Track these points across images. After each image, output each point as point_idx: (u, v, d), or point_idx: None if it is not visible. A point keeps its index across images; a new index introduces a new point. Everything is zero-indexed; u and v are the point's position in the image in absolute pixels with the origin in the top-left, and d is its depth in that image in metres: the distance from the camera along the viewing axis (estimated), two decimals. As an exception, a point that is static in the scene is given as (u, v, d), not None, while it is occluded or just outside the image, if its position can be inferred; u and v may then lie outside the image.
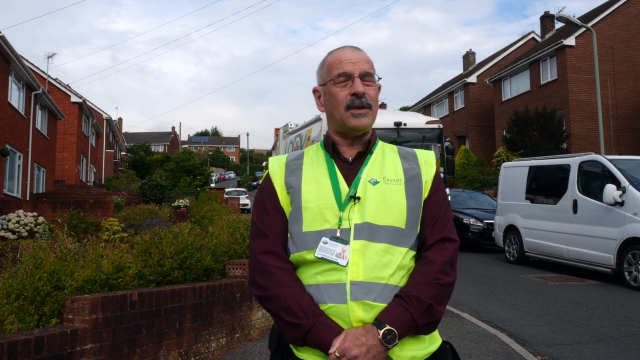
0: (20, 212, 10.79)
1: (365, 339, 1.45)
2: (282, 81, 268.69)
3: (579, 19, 20.29)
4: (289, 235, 1.65)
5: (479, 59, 37.31)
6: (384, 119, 10.96)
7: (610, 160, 9.49)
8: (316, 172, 1.67)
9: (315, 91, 1.76)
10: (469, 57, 37.13)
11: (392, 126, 10.95)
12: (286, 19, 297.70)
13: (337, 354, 1.44)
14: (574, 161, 10.30)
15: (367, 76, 1.66)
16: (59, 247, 5.15)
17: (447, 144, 11.93)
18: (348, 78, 1.65)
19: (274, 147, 20.38)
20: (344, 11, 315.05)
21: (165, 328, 4.34)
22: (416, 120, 11.81)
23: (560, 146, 21.71)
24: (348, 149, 1.70)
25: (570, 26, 22.00)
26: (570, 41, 23.31)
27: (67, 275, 4.03)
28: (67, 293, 3.90)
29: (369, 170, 1.65)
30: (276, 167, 1.73)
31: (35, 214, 10.95)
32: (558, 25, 27.94)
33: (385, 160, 1.69)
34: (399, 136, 10.96)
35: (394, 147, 1.76)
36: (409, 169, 1.68)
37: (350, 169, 1.66)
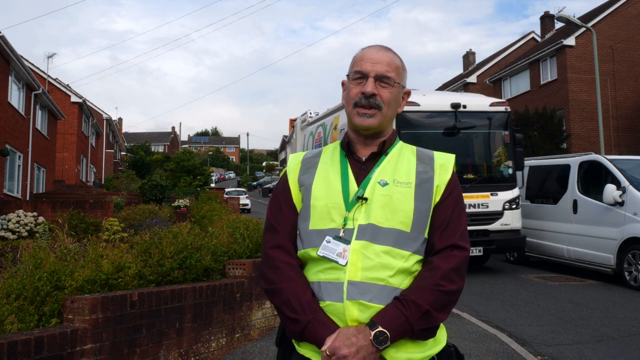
0: (20, 212, 10.78)
1: (356, 339, 1.46)
2: (282, 81, 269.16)
3: (579, 19, 20.28)
4: (298, 232, 1.67)
5: (479, 59, 37.32)
6: (439, 100, 9.81)
7: (610, 160, 9.48)
8: (329, 171, 1.68)
9: (342, 83, 1.77)
10: (469, 57, 37.10)
11: (449, 109, 9.45)
12: (286, 19, 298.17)
13: (327, 352, 1.46)
14: (574, 161, 10.30)
15: (384, 79, 1.65)
16: (59, 247, 5.15)
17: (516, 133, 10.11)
18: (363, 77, 1.66)
19: (289, 140, 18.23)
20: (344, 11, 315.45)
21: (165, 328, 4.34)
22: (478, 102, 10.06)
23: (560, 146, 21.70)
24: (362, 148, 1.70)
25: (570, 26, 21.99)
26: (570, 41, 23.29)
27: (67, 275, 4.03)
28: (67, 293, 3.90)
29: (380, 172, 1.64)
30: (293, 165, 1.75)
31: (35, 214, 10.94)
32: (558, 25, 27.91)
33: (399, 162, 1.67)
34: (458, 121, 9.41)
35: (414, 148, 1.75)
36: (422, 172, 1.65)
37: (363, 169, 1.67)
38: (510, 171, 9.93)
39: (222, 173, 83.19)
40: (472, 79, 32.07)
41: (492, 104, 9.96)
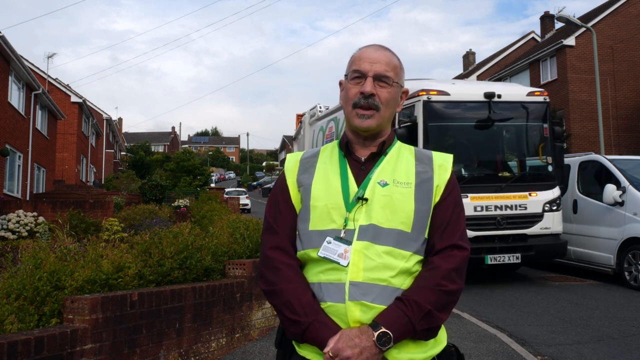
0: (20, 212, 10.78)
1: (359, 340, 1.46)
2: (282, 81, 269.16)
3: (579, 19, 20.28)
4: (297, 232, 1.66)
5: (479, 58, 37.35)
6: (472, 89, 9.12)
7: (610, 160, 9.48)
8: (328, 171, 1.67)
9: (340, 83, 1.76)
10: (469, 57, 37.12)
11: (482, 99, 8.57)
12: (286, 19, 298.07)
13: (330, 353, 1.45)
14: (574, 161, 10.29)
15: (383, 78, 1.64)
16: (59, 247, 5.14)
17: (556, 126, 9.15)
18: (362, 76, 1.65)
19: (295, 137, 17.35)
20: (344, 11, 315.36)
21: (165, 328, 4.34)
22: (514, 91, 9.23)
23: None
24: (361, 148, 1.69)
25: (570, 26, 22.00)
26: (570, 41, 23.29)
27: (67, 275, 4.03)
28: (67, 293, 3.90)
29: (380, 172, 1.64)
30: (291, 165, 1.74)
31: (35, 214, 10.94)
32: (558, 25, 27.92)
33: (399, 162, 1.67)
34: (492, 112, 8.54)
35: (412, 148, 1.74)
36: (422, 172, 1.65)
37: (362, 170, 1.66)
38: (550, 168, 9.04)
39: (222, 173, 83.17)
40: (472, 79, 32.06)
41: (529, 94, 9.04)
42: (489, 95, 8.53)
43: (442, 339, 1.62)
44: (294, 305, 1.54)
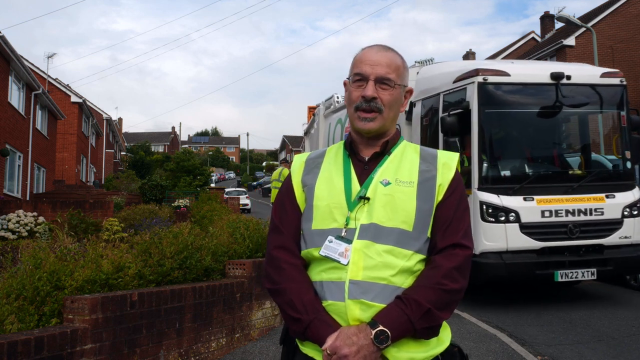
0: (20, 212, 10.78)
1: (357, 339, 1.46)
2: (282, 81, 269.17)
3: (579, 19, 20.28)
4: (301, 232, 1.68)
5: (479, 58, 37.26)
6: (536, 70, 7.76)
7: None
8: (332, 171, 1.69)
9: (344, 84, 1.77)
10: (469, 57, 37.06)
11: (549, 80, 7.12)
12: (286, 19, 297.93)
13: (328, 351, 1.46)
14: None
15: (385, 80, 1.65)
16: (59, 247, 5.14)
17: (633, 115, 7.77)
18: (363, 79, 1.66)
19: (307, 131, 15.57)
20: (344, 11, 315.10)
21: (165, 328, 4.34)
22: (586, 72, 7.80)
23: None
24: (365, 148, 1.71)
25: (570, 26, 22.00)
26: (570, 41, 23.30)
27: (67, 275, 4.03)
28: (67, 293, 3.90)
29: (383, 171, 1.65)
30: (297, 166, 1.77)
31: (35, 214, 10.95)
32: (558, 25, 27.93)
33: (402, 162, 1.68)
34: (560, 95, 7.10)
35: (417, 147, 1.75)
36: (425, 171, 1.65)
37: (365, 169, 1.67)
38: (629, 165, 7.56)
39: (222, 173, 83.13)
40: (472, 79, 32.00)
41: (603, 75, 7.60)
42: (557, 77, 7.10)
43: (444, 339, 1.61)
44: (296, 304, 1.56)
